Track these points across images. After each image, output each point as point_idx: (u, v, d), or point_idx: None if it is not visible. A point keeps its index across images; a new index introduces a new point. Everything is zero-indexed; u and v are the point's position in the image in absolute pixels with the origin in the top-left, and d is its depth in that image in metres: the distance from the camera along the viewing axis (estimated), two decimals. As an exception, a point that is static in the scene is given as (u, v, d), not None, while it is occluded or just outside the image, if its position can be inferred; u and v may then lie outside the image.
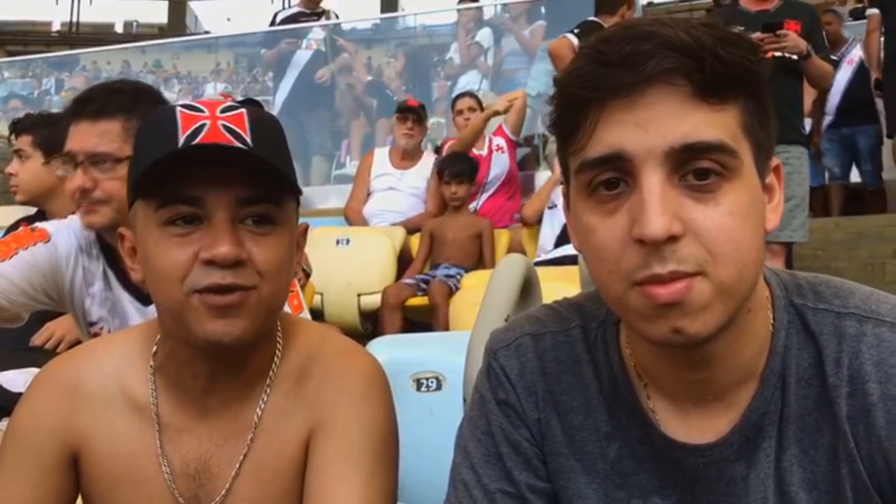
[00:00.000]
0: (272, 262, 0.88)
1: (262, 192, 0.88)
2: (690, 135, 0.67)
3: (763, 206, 0.72)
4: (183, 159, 0.85)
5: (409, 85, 6.50)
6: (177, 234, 0.86)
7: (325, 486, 0.92)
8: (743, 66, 0.68)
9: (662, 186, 0.68)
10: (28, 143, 2.42)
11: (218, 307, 0.86)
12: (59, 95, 8.32)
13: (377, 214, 4.33)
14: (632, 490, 0.82)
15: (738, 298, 0.70)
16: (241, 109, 0.90)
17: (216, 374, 0.94)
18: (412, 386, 1.85)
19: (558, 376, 0.85)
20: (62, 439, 0.96)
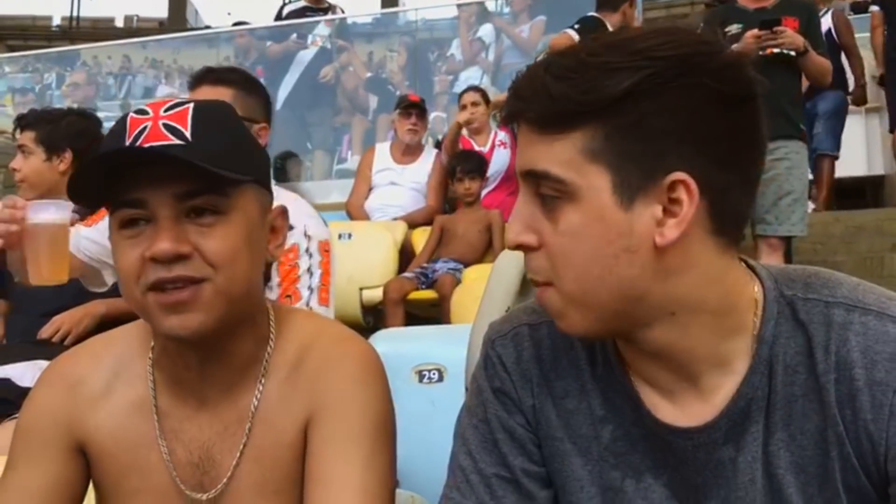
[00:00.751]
0: (222, 252, 0.90)
1: (201, 186, 0.89)
2: (528, 164, 0.79)
3: (617, 223, 0.75)
4: (116, 165, 0.89)
5: (411, 80, 6.51)
6: (128, 235, 0.90)
7: (325, 469, 0.95)
8: (575, 101, 0.74)
9: (520, 202, 0.81)
10: (31, 139, 2.44)
11: (170, 304, 0.89)
12: (60, 90, 8.33)
13: (378, 209, 4.35)
14: (626, 470, 0.85)
15: (595, 306, 0.78)
16: (186, 106, 0.92)
17: (205, 363, 0.97)
18: (414, 378, 1.88)
19: (554, 362, 0.89)
20: (68, 431, 1.00)
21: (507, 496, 0.87)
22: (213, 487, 0.98)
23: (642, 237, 0.76)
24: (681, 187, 0.75)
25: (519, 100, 0.79)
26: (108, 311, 2.26)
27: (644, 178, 0.75)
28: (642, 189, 0.75)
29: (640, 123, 0.74)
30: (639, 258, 0.76)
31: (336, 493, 0.94)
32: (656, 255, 0.76)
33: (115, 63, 8.63)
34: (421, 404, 1.84)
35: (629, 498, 0.85)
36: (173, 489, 0.98)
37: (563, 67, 0.75)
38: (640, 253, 0.76)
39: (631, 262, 0.76)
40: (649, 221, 0.75)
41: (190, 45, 8.55)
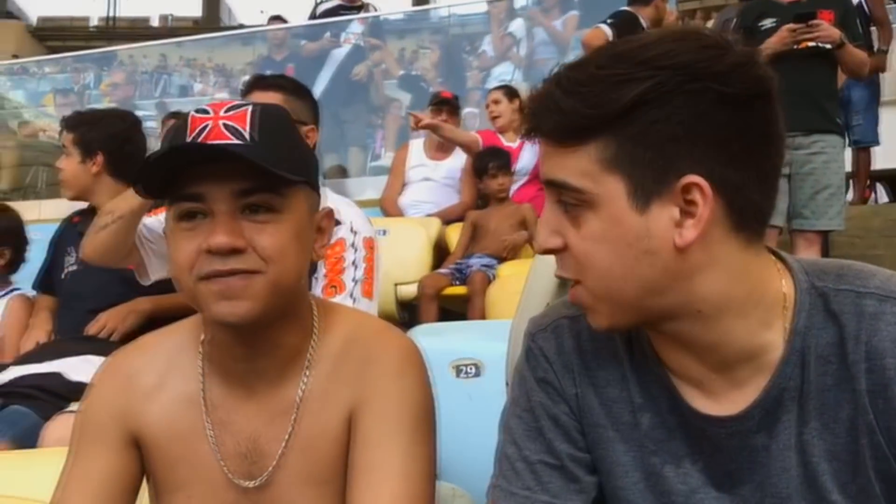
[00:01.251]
0: (275, 247, 0.95)
1: (258, 184, 0.94)
2: (548, 174, 0.83)
3: (635, 227, 0.79)
4: (183, 159, 0.93)
5: (444, 76, 6.53)
6: (185, 227, 0.95)
7: (367, 456, 0.99)
8: (585, 115, 0.78)
9: (546, 208, 0.85)
10: (70, 141, 2.50)
11: (221, 290, 0.94)
12: (99, 89, 8.48)
13: (413, 205, 4.38)
14: (664, 456, 0.88)
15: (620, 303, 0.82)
16: (245, 108, 0.97)
17: (253, 355, 1.02)
18: (452, 373, 1.91)
19: (595, 353, 0.93)
20: (123, 423, 1.05)
21: (553, 481, 0.91)
22: (260, 476, 1.02)
23: (661, 239, 0.79)
24: (694, 189, 0.77)
25: (534, 116, 0.83)
26: (153, 307, 2.31)
27: (657, 182, 0.78)
28: (656, 193, 0.78)
29: (649, 131, 0.77)
30: (659, 259, 0.79)
31: (378, 480, 0.97)
32: (677, 255, 0.79)
33: (151, 62, 8.77)
34: (458, 399, 1.87)
35: (670, 482, 0.88)
36: (222, 479, 1.03)
37: (573, 81, 0.79)
38: (660, 254, 0.79)
39: (652, 263, 0.80)
40: (667, 224, 0.79)
41: (225, 44, 8.66)
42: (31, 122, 8.71)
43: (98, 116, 2.68)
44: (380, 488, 0.97)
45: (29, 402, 2.04)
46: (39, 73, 9.49)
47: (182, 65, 8.85)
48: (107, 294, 2.36)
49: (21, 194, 7.44)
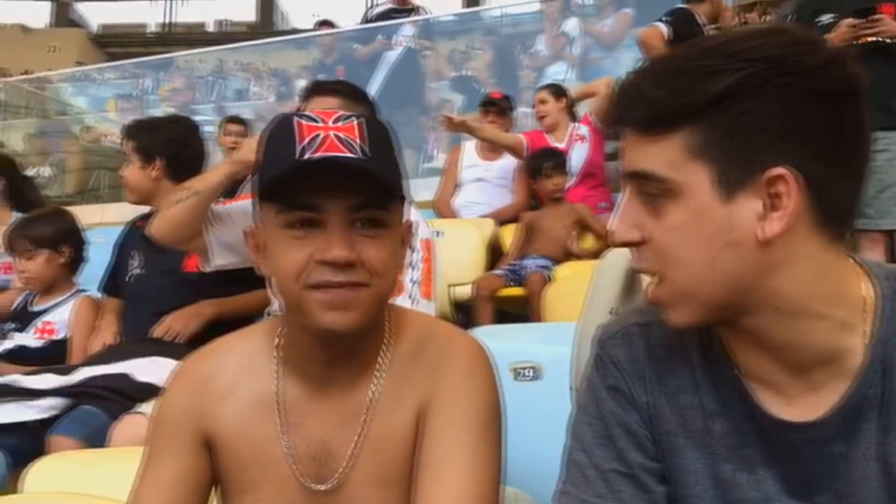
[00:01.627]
0: (382, 262, 0.97)
1: (371, 199, 0.96)
2: (632, 165, 0.83)
3: (718, 218, 0.78)
4: (304, 171, 0.94)
5: (497, 76, 6.52)
6: (296, 236, 0.96)
7: (435, 454, 1.00)
8: (672, 104, 0.78)
9: (625, 200, 0.85)
10: (131, 147, 2.59)
11: (331, 301, 0.95)
12: (157, 94, 8.66)
13: (466, 206, 4.37)
14: (738, 462, 0.87)
15: (701, 297, 0.81)
16: (352, 120, 0.98)
17: (334, 359, 1.03)
18: (510, 376, 1.90)
19: (666, 360, 0.92)
20: (197, 425, 1.06)
21: (625, 490, 0.90)
22: (330, 479, 1.03)
23: (744, 231, 0.78)
24: (781, 182, 0.77)
25: (620, 105, 0.84)
26: (216, 311, 2.36)
27: (743, 173, 0.77)
28: (741, 184, 0.78)
29: (738, 122, 0.77)
30: (742, 252, 0.78)
31: (444, 477, 0.98)
32: (760, 249, 0.78)
33: (207, 67, 8.92)
34: (517, 402, 1.85)
35: (742, 490, 0.86)
36: (293, 481, 1.04)
37: (661, 73, 0.80)
38: (743, 247, 0.78)
39: (734, 255, 0.79)
40: (751, 216, 0.78)
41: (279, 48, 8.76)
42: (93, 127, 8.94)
43: (156, 123, 2.76)
44: (446, 485, 0.98)
45: (98, 403, 2.10)
46: (101, 79, 9.73)
47: (238, 69, 8.99)
48: (170, 297, 2.42)
49: (85, 198, 7.65)
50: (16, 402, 2.13)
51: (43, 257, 2.68)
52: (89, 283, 2.86)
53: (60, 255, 2.72)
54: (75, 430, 2.01)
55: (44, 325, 2.67)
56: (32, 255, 2.68)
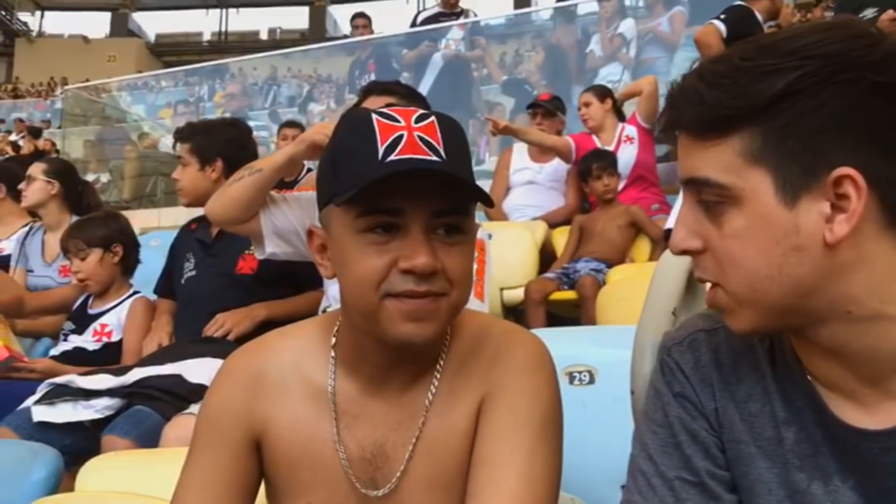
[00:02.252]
0: (462, 270, 0.93)
1: (455, 205, 0.92)
2: (688, 172, 0.80)
3: (783, 223, 0.75)
4: (390, 175, 0.88)
5: (548, 78, 6.47)
6: (375, 241, 0.91)
7: (490, 452, 0.97)
8: (729, 105, 0.75)
9: (684, 208, 0.82)
10: (187, 150, 2.61)
11: (412, 311, 0.91)
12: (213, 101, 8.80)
13: (517, 209, 4.34)
14: (812, 472, 0.83)
15: (765, 305, 0.78)
16: (431, 119, 0.93)
17: (394, 363, 0.99)
18: (565, 379, 1.86)
19: (734, 367, 0.88)
20: (247, 424, 1.03)
21: (692, 498, 0.86)
22: (386, 483, 1.00)
23: (811, 235, 0.75)
24: (847, 182, 0.73)
25: (674, 109, 0.81)
26: (268, 314, 2.38)
27: (807, 176, 0.74)
28: (806, 187, 0.74)
29: (798, 123, 0.74)
30: (809, 257, 0.75)
31: (499, 477, 0.94)
32: (827, 252, 0.75)
33: (261, 74, 9.05)
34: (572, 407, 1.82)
35: (817, 500, 0.82)
36: (346, 486, 1.00)
37: (715, 74, 0.77)
38: (809, 251, 0.75)
39: (800, 261, 0.75)
40: (817, 219, 0.74)
41: (329, 54, 8.84)
42: (150, 133, 9.15)
43: (211, 125, 2.79)
44: (500, 485, 0.94)
45: (151, 403, 2.12)
46: (157, 87, 9.95)
47: (290, 76, 9.09)
48: (224, 298, 2.44)
49: (142, 203, 7.82)
50: (72, 402, 2.16)
51: (95, 257, 2.73)
52: (145, 287, 2.90)
53: (113, 255, 2.76)
54: (129, 431, 2.03)
55: (101, 326, 2.71)
56: (85, 254, 2.73)
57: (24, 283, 3.30)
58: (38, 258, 3.46)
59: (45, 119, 17.02)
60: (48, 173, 3.44)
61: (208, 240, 2.59)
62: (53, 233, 3.43)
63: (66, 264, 3.12)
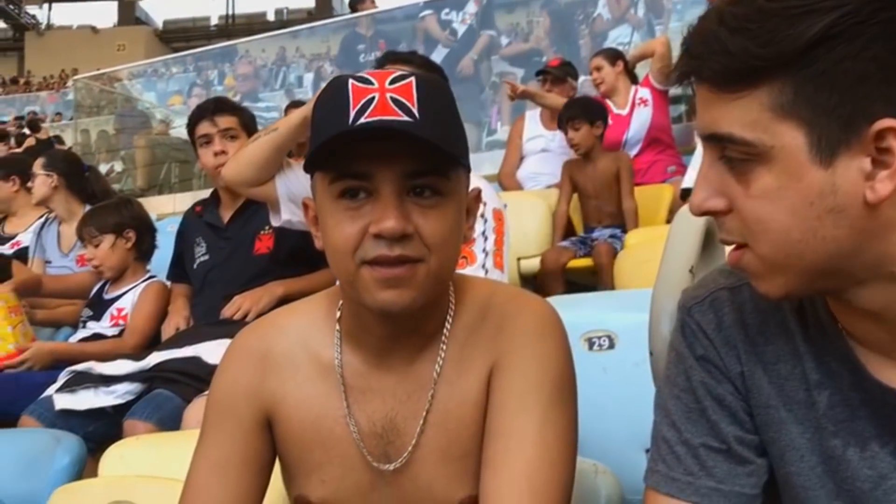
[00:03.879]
0: (439, 234, 0.90)
1: (427, 166, 0.89)
2: (709, 127, 0.73)
3: (818, 183, 0.69)
4: (352, 137, 0.87)
5: (557, 45, 6.38)
6: (349, 207, 0.89)
7: (502, 422, 0.94)
8: (756, 55, 0.67)
9: (705, 165, 0.75)
10: (235, 123, 2.53)
11: (386, 279, 0.88)
12: (224, 84, 8.78)
13: (531, 178, 4.29)
14: (847, 437, 0.79)
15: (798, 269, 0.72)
16: (409, 79, 0.91)
17: (395, 334, 0.97)
18: (584, 345, 1.85)
19: (760, 327, 0.83)
20: (256, 403, 1.02)
21: (719, 465, 0.83)
22: (398, 457, 0.98)
23: (849, 195, 0.69)
24: (890, 135, 0.67)
25: (693, 58, 0.73)
26: (286, 291, 2.36)
27: (845, 130, 0.68)
28: (844, 142, 0.68)
29: (835, 71, 0.66)
30: (846, 217, 0.69)
31: (513, 446, 0.93)
32: (868, 212, 0.69)
33: (269, 55, 9.00)
34: (592, 372, 1.80)
35: (854, 467, 0.78)
36: (359, 461, 0.99)
37: (738, 18, 0.69)
38: (847, 212, 0.69)
39: (837, 222, 0.69)
40: (856, 177, 0.68)
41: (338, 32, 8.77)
42: (164, 120, 9.15)
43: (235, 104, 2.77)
44: (514, 454, 0.92)
45: (171, 386, 2.13)
46: (167, 73, 9.93)
47: (299, 56, 9.04)
48: (240, 279, 2.43)
49: (157, 190, 7.84)
50: (93, 388, 2.18)
51: (107, 243, 2.73)
52: (163, 273, 2.90)
53: (126, 240, 2.76)
54: (150, 415, 2.03)
55: (117, 311, 2.71)
56: (98, 241, 2.73)
57: (42, 274, 3.31)
58: (55, 249, 3.48)
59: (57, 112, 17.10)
60: (46, 167, 3.45)
61: (220, 223, 2.58)
62: (67, 223, 3.44)
63: (83, 253, 3.13)
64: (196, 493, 1.01)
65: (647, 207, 3.68)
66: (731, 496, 0.82)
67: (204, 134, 2.52)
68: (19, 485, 1.61)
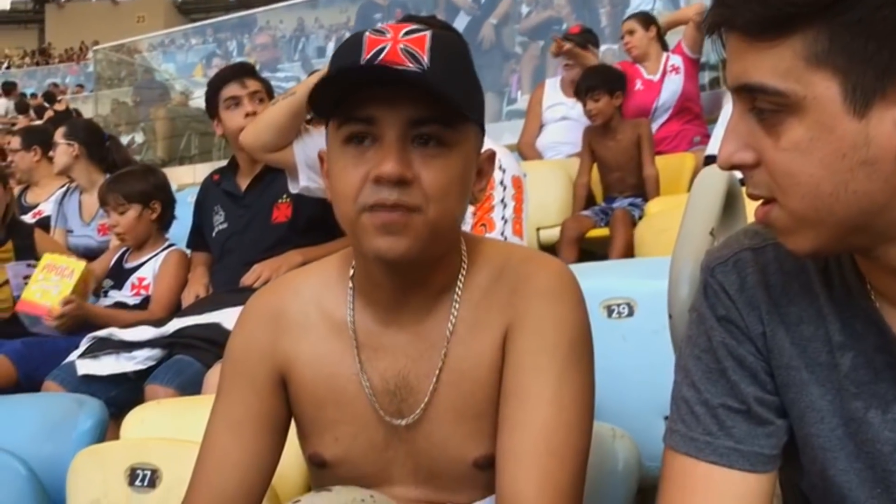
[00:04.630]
0: (439, 184, 0.90)
1: (432, 114, 0.89)
2: (740, 77, 0.71)
3: (851, 134, 0.67)
4: (357, 80, 0.89)
5: (578, 12, 6.30)
6: (354, 153, 0.90)
7: (518, 382, 0.95)
8: (791, 2, 0.66)
9: (734, 118, 0.73)
10: (261, 87, 2.55)
11: (384, 224, 0.89)
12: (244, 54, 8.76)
13: (551, 147, 4.25)
14: (869, 400, 0.77)
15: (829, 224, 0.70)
16: (424, 32, 0.91)
17: (405, 289, 0.98)
18: (603, 313, 1.83)
19: (784, 287, 0.82)
20: (271, 363, 1.03)
21: (738, 426, 0.82)
22: (412, 413, 0.99)
23: (883, 147, 0.67)
24: None
25: (725, 7, 0.71)
26: (304, 259, 2.36)
27: (881, 79, 0.65)
28: (880, 92, 0.66)
29: (874, 17, 0.64)
30: (880, 170, 0.67)
31: (529, 406, 0.93)
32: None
33: (288, 26, 8.96)
34: (611, 340, 1.80)
35: (875, 430, 0.77)
36: (373, 418, 1.00)
37: None
38: (881, 165, 0.67)
39: (870, 175, 0.67)
40: (891, 128, 0.66)
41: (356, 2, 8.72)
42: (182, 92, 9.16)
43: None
44: (530, 415, 0.92)
45: (192, 352, 2.15)
46: (187, 44, 9.92)
47: (318, 26, 9.00)
48: (259, 248, 2.44)
49: (178, 161, 7.87)
50: (114, 354, 2.20)
51: (134, 212, 2.73)
52: (181, 243, 2.91)
53: (152, 211, 2.77)
54: (171, 380, 2.05)
55: (139, 280, 2.73)
56: (124, 209, 2.73)
57: (64, 243, 3.35)
58: (77, 218, 3.50)
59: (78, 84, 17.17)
60: (67, 136, 3.46)
61: (238, 192, 2.58)
62: (88, 193, 3.46)
63: (104, 222, 3.15)
64: (212, 451, 1.03)
65: (669, 176, 3.64)
66: (750, 456, 0.82)
67: (232, 96, 2.50)
68: (43, 447, 1.63)
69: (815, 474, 0.82)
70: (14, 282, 2.73)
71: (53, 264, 2.62)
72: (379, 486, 1.01)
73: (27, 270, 2.76)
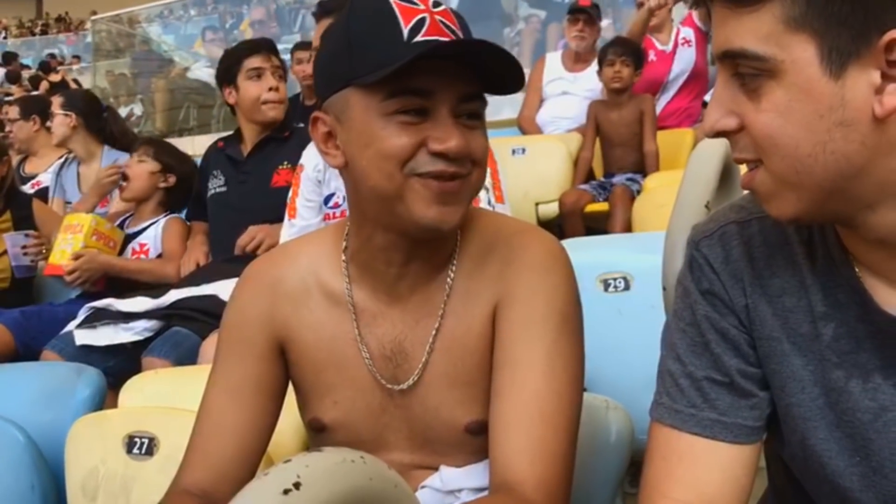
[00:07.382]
0: (483, 151, 0.94)
1: (479, 89, 0.93)
2: (723, 44, 0.73)
3: (827, 96, 0.68)
4: (420, 55, 0.87)
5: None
6: (405, 122, 0.91)
7: (510, 353, 0.96)
8: None
9: (718, 86, 0.75)
10: (281, 64, 2.59)
11: (442, 192, 0.91)
12: (240, 29, 8.71)
13: (551, 122, 4.23)
14: (850, 369, 0.78)
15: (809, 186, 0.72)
16: (445, 7, 0.94)
17: (409, 260, 0.99)
18: (599, 287, 1.84)
19: (768, 260, 0.83)
20: (268, 329, 1.04)
21: (721, 398, 0.83)
22: (407, 379, 1.01)
23: (858, 108, 0.68)
24: None
25: None
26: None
27: (856, 41, 0.67)
28: (854, 54, 0.67)
29: None
30: (856, 132, 0.68)
31: (520, 376, 0.95)
32: (876, 126, 0.68)
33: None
34: (607, 314, 1.81)
35: (855, 399, 0.78)
36: (370, 382, 1.02)
37: None
38: (856, 126, 0.68)
39: (847, 136, 0.69)
40: (866, 90, 0.68)
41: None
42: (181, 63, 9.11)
43: None
44: (521, 384, 0.94)
45: (189, 324, 2.15)
46: (187, 16, 9.85)
47: (317, -2, 8.92)
48: (257, 211, 2.43)
49: (176, 133, 7.85)
50: (112, 325, 2.20)
51: (150, 167, 2.78)
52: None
53: (165, 180, 2.79)
54: (168, 352, 2.06)
55: (140, 245, 2.74)
56: (144, 160, 2.79)
57: (62, 214, 3.34)
58: (75, 189, 3.50)
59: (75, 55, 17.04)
60: (64, 106, 3.45)
61: (240, 157, 2.58)
62: (86, 164, 3.45)
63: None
64: (210, 415, 1.04)
65: (668, 152, 3.63)
66: (733, 428, 0.83)
67: (256, 67, 2.52)
68: (42, 415, 1.64)
69: (795, 444, 0.83)
70: (12, 251, 2.73)
71: (68, 224, 2.66)
72: (376, 452, 1.02)
73: (25, 240, 2.76)
